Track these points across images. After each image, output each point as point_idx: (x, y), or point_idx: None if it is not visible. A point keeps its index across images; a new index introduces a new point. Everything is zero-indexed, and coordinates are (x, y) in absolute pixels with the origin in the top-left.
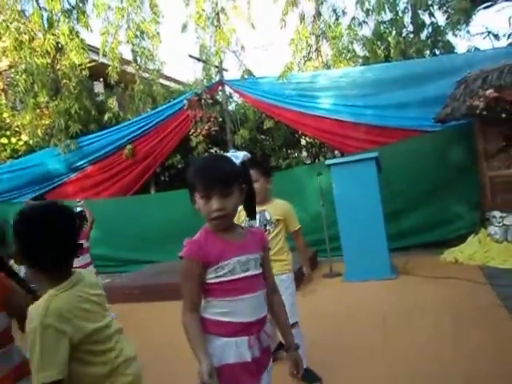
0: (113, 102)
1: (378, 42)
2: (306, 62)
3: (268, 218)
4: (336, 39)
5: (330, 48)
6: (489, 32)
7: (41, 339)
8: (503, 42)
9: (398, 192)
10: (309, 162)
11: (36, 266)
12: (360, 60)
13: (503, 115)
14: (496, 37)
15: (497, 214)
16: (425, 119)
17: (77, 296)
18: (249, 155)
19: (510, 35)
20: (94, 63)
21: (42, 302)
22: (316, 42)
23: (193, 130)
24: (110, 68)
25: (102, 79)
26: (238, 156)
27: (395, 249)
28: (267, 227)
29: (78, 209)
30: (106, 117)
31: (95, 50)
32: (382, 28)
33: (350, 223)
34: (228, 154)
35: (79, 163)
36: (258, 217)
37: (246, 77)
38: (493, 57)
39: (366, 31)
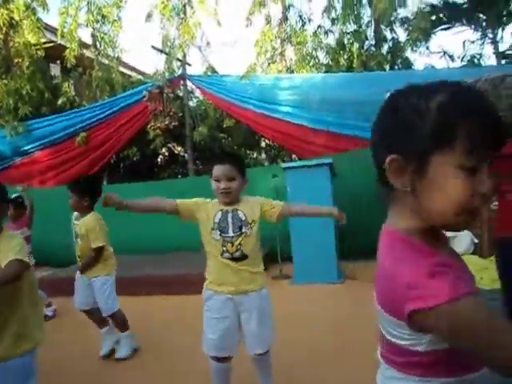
0: (69, 86)
1: (341, 52)
2: (269, 64)
3: (243, 218)
4: (301, 45)
5: (294, 53)
6: (445, 52)
7: None
8: (457, 63)
9: (352, 198)
10: (267, 164)
11: None
12: (323, 67)
13: None
14: (451, 57)
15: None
16: None
17: None
18: None
19: (463, 57)
20: (50, 44)
21: None
22: (281, 46)
23: (152, 123)
24: (67, 51)
25: (58, 62)
26: None
27: (345, 254)
28: (243, 229)
29: (14, 195)
30: (60, 101)
31: (53, 31)
32: (345, 39)
33: (302, 226)
34: None
35: (27, 147)
36: (230, 217)
37: (209, 73)
38: (447, 76)
39: (331, 40)
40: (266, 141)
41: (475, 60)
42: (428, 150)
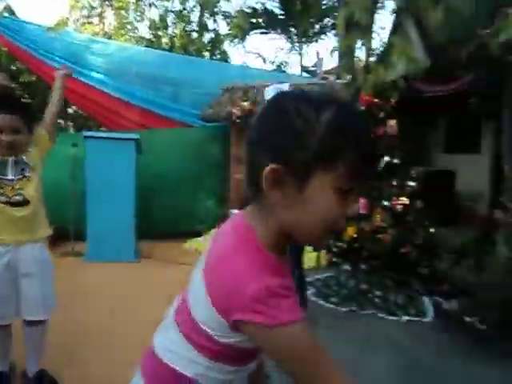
0: None
1: (164, 30)
2: (85, 23)
3: (26, 161)
4: (121, 10)
5: (114, 18)
6: (259, 54)
7: None
8: (268, 66)
9: (155, 178)
10: (71, 132)
11: None
12: (144, 41)
13: None
14: (264, 60)
15: (237, 211)
16: (193, 115)
17: None
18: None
19: (273, 62)
20: None
21: None
22: (100, 6)
23: None
24: None
25: None
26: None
27: (144, 233)
28: (25, 173)
29: None
30: None
31: None
32: (169, 17)
33: (100, 201)
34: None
35: None
36: (11, 161)
37: (5, 15)
38: (259, 75)
39: (155, 15)
40: (74, 107)
41: (282, 66)
42: (312, 165)
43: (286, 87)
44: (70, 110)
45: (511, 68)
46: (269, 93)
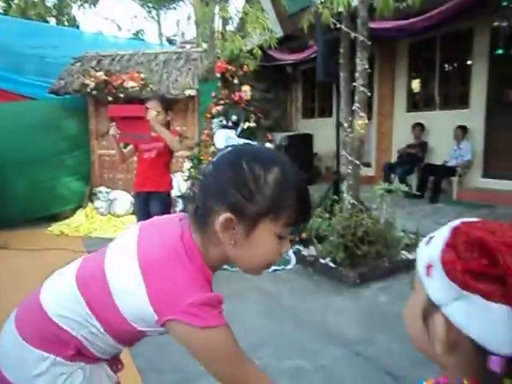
0: None
1: None
2: None
3: None
4: None
5: None
6: (113, 20)
7: None
8: (124, 35)
9: (4, 160)
10: None
11: None
12: None
13: (110, 98)
14: (119, 27)
15: (103, 189)
16: (40, 88)
17: None
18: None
19: (129, 30)
20: None
21: None
22: None
23: None
24: None
25: None
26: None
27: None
28: None
29: None
30: None
31: None
32: None
33: None
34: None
35: None
36: None
37: None
38: (112, 44)
39: None
40: None
41: (139, 35)
42: (260, 217)
43: (233, 137)
44: None
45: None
46: (219, 139)
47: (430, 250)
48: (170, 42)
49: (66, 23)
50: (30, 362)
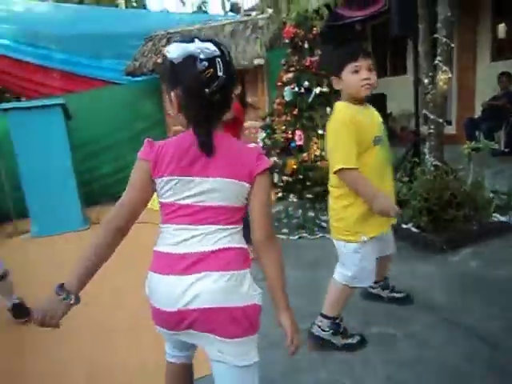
0: None
1: None
2: None
3: None
4: None
5: None
6: None
7: None
8: (189, 9)
9: (90, 142)
10: None
11: None
12: None
13: None
14: (183, 2)
15: None
16: (117, 71)
17: None
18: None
19: (193, 4)
20: None
21: None
22: None
23: None
24: None
25: None
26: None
27: (88, 200)
28: None
29: None
30: None
31: None
32: None
33: (36, 176)
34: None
35: None
36: None
37: None
38: (178, 20)
39: None
40: None
41: (203, 7)
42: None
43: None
44: None
45: None
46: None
47: None
48: (232, 10)
49: (134, 4)
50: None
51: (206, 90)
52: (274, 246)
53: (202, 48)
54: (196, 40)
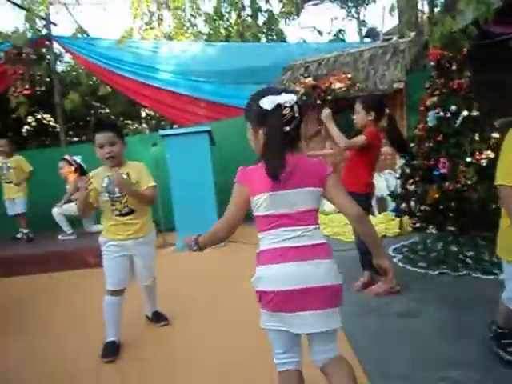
0: None
1: (221, 22)
2: (146, 29)
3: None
4: (178, 10)
5: (172, 18)
6: (314, 27)
7: None
8: (325, 38)
9: (231, 165)
10: (147, 133)
11: None
12: (203, 36)
13: (318, 101)
14: (320, 33)
15: None
16: None
17: None
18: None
19: (329, 33)
20: None
21: None
22: (158, 9)
23: (12, 89)
24: None
25: None
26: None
27: None
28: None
29: None
30: None
31: None
32: (223, 7)
33: (184, 193)
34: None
35: None
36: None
37: (79, 35)
38: (315, 49)
39: (209, 8)
40: (146, 111)
41: (340, 35)
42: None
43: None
44: (143, 114)
45: None
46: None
47: None
48: (369, 35)
49: (274, 37)
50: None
51: (287, 128)
52: (366, 217)
53: (287, 98)
54: (282, 93)
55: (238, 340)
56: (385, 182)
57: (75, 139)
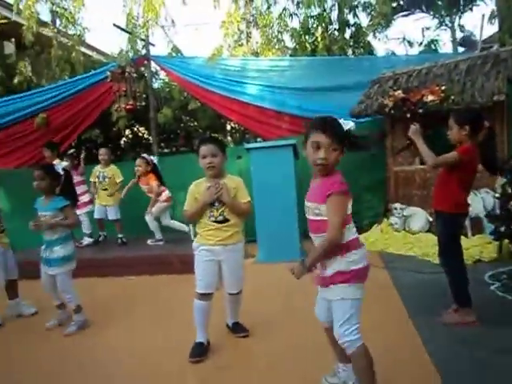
0: (25, 66)
1: (307, 36)
2: (235, 47)
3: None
4: (266, 27)
5: (259, 35)
6: (404, 38)
7: None
8: (415, 49)
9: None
10: (232, 146)
11: None
12: (289, 51)
13: (408, 115)
14: (410, 44)
15: (398, 205)
16: (342, 114)
17: None
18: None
19: (421, 43)
20: (4, 21)
21: None
22: (247, 27)
23: (117, 105)
24: (24, 27)
25: (13, 39)
26: (345, 123)
27: (306, 233)
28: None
29: None
30: (15, 80)
31: (7, 6)
32: (309, 22)
33: (266, 206)
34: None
35: None
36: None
37: (173, 54)
38: (405, 61)
39: (296, 23)
40: (232, 124)
41: (432, 46)
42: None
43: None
44: (228, 127)
45: None
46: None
47: None
48: (464, 44)
49: (361, 50)
50: None
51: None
52: (332, 246)
53: (347, 123)
54: (343, 121)
55: (317, 354)
56: (481, 202)
57: (166, 150)
